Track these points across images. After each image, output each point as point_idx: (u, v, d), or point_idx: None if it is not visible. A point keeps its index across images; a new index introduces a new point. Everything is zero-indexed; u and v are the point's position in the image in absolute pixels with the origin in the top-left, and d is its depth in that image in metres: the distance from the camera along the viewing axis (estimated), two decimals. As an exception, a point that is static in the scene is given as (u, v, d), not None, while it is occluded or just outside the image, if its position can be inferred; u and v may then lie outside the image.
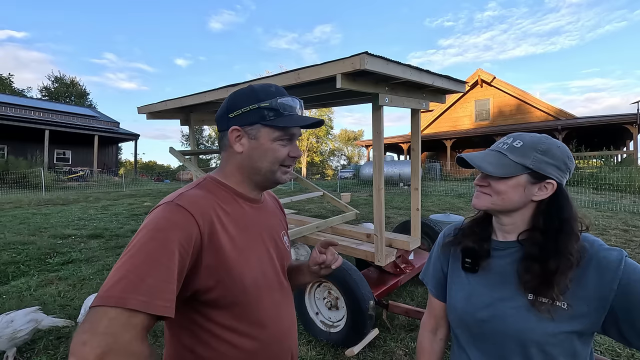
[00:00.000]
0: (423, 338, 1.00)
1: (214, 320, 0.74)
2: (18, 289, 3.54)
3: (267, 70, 38.73)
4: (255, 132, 0.80)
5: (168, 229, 0.66)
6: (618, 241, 5.06)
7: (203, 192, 0.78)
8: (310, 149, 37.87)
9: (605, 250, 0.73)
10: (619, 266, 0.70)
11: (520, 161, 0.76)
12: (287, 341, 0.86)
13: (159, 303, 0.60)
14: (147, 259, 0.62)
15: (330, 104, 4.13)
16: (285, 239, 0.95)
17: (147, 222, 0.68)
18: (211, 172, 0.88)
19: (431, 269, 0.99)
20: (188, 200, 0.72)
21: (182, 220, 0.68)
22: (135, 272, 0.60)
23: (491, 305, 0.79)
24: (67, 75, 37.51)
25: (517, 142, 0.79)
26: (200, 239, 0.69)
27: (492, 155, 0.80)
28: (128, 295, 0.57)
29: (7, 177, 14.16)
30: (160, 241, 0.64)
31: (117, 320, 0.56)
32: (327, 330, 2.47)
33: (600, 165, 12.68)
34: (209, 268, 0.70)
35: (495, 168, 0.77)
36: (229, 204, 0.80)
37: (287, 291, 0.91)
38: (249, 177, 0.84)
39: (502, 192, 0.77)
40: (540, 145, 0.77)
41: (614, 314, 0.69)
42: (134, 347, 0.56)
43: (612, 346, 2.39)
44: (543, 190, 0.77)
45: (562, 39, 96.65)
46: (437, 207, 8.32)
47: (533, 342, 0.73)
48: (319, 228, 3.47)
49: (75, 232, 6.13)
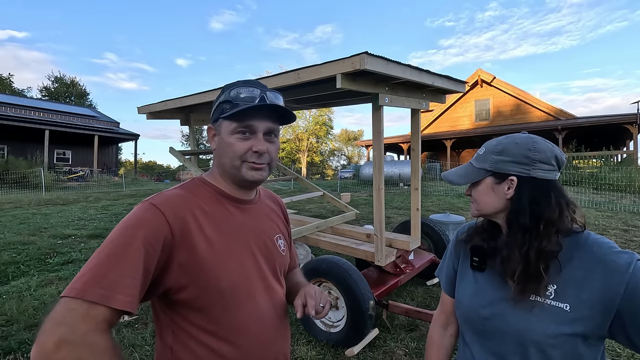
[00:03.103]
0: (433, 332, 1.02)
1: (192, 321, 0.75)
2: (18, 289, 3.54)
3: (267, 70, 38.77)
4: (218, 127, 0.81)
5: (136, 226, 0.67)
6: (618, 241, 5.06)
7: (184, 192, 0.78)
8: (310, 149, 37.86)
9: (615, 253, 0.72)
10: (627, 270, 0.68)
11: (480, 166, 0.83)
12: (272, 349, 0.83)
13: (119, 297, 0.61)
14: (111, 254, 0.64)
15: (330, 104, 4.13)
16: (281, 243, 0.92)
17: (121, 221, 0.70)
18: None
19: (445, 266, 1.01)
20: (162, 200, 0.73)
21: (151, 218, 0.69)
22: (99, 266, 0.62)
23: (493, 304, 0.80)
24: (67, 75, 37.56)
25: (482, 149, 0.86)
26: (171, 237, 0.70)
27: (463, 168, 0.88)
28: (89, 288, 0.60)
29: (7, 177, 14.16)
30: (127, 238, 0.66)
31: (76, 311, 0.58)
32: (327, 330, 2.47)
33: (600, 165, 12.67)
34: (182, 267, 0.71)
35: (459, 178, 0.87)
36: (211, 204, 0.79)
37: (277, 297, 0.86)
38: (226, 175, 0.83)
39: (477, 198, 0.85)
40: (497, 147, 0.82)
41: (621, 319, 0.68)
42: (91, 338, 0.58)
43: (613, 346, 2.39)
44: (510, 187, 0.80)
45: (563, 39, 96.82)
46: (437, 207, 8.32)
47: (532, 342, 0.73)
48: (319, 228, 3.47)
49: (75, 232, 6.13)
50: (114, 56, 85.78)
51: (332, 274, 2.41)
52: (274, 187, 15.59)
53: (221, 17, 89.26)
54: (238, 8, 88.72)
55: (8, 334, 2.62)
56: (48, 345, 0.55)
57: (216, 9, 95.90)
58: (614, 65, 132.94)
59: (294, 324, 2.71)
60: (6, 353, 2.38)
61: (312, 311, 0.81)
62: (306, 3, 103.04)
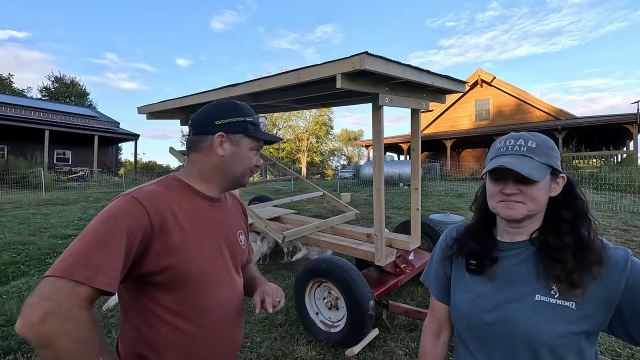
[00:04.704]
0: (426, 342, 0.98)
1: (161, 303, 0.82)
2: (18, 289, 3.54)
3: (267, 71, 38.77)
4: (238, 140, 0.93)
5: (119, 216, 0.74)
6: (618, 241, 5.06)
7: (161, 188, 0.86)
8: (310, 149, 37.85)
9: (612, 249, 0.73)
10: (626, 265, 0.70)
11: (545, 161, 0.76)
12: (228, 332, 0.94)
13: (102, 279, 0.68)
14: (95, 240, 0.70)
15: (330, 104, 4.13)
16: (242, 238, 1.04)
17: (102, 211, 0.76)
18: (176, 172, 0.96)
19: (433, 271, 0.98)
20: (142, 194, 0.80)
21: (133, 210, 0.76)
22: (84, 250, 0.69)
23: (498, 308, 0.78)
24: (67, 76, 37.54)
25: (531, 142, 0.77)
26: (150, 229, 0.77)
27: (524, 159, 0.76)
28: (74, 269, 0.66)
29: (7, 177, 14.14)
30: (110, 226, 0.72)
31: (62, 289, 0.64)
32: (327, 330, 2.47)
33: (600, 165, 12.66)
34: (158, 254, 0.78)
35: (538, 173, 0.74)
36: (187, 200, 0.88)
37: (237, 287, 0.97)
38: (220, 178, 0.94)
39: (537, 197, 0.76)
40: (548, 142, 0.79)
41: (621, 313, 0.69)
42: (75, 313, 0.65)
43: (612, 346, 2.39)
44: (557, 185, 0.78)
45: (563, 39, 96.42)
46: (437, 207, 8.31)
47: (543, 344, 0.72)
48: (319, 228, 3.47)
49: (75, 232, 6.13)
50: (115, 56, 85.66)
51: (332, 274, 2.41)
52: (274, 187, 15.59)
53: (222, 17, 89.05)
54: (239, 8, 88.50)
55: (8, 334, 2.62)
56: (33, 318, 0.61)
57: (217, 9, 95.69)
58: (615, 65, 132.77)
59: (294, 324, 2.71)
60: (6, 353, 2.38)
61: (269, 308, 0.93)
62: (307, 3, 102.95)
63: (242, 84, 2.89)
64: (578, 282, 0.70)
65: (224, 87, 3.08)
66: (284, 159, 35.52)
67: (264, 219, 3.41)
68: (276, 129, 34.43)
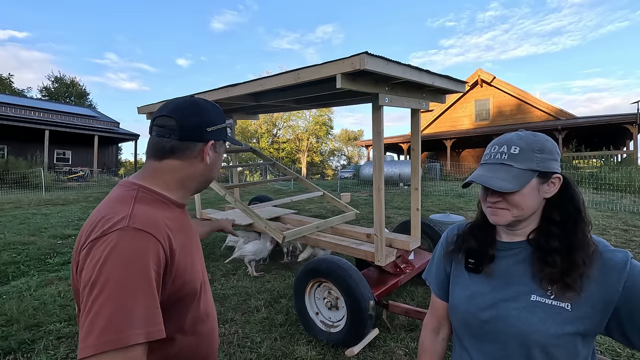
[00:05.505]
0: (425, 338, 1.00)
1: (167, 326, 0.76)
2: (18, 289, 3.54)
3: (267, 70, 38.79)
4: (219, 146, 0.90)
5: (139, 257, 0.66)
6: (618, 241, 5.06)
7: (149, 207, 0.77)
8: (310, 149, 37.86)
9: (611, 251, 0.73)
10: (624, 268, 0.69)
11: (527, 167, 0.75)
12: (216, 336, 0.94)
13: (153, 329, 0.63)
14: (128, 292, 0.62)
15: (330, 104, 4.13)
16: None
17: (109, 254, 0.64)
18: (130, 177, 0.86)
19: (434, 268, 0.99)
20: (144, 222, 0.71)
21: (148, 245, 0.68)
22: (122, 309, 0.60)
23: (494, 306, 0.79)
24: (67, 76, 37.63)
25: (514, 148, 0.77)
26: (165, 257, 0.71)
27: (499, 170, 0.77)
28: (125, 333, 0.59)
29: (7, 177, 14.15)
30: (135, 271, 0.64)
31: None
32: (327, 330, 2.47)
33: (600, 165, 12.68)
34: (172, 280, 0.74)
35: (511, 183, 0.74)
36: (169, 212, 0.81)
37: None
38: (198, 185, 0.90)
39: (520, 204, 0.76)
40: (535, 145, 0.77)
41: (618, 316, 0.69)
42: None
43: (612, 346, 2.39)
44: (551, 186, 0.78)
45: (563, 39, 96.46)
46: (437, 207, 8.32)
47: (536, 343, 0.72)
48: (319, 228, 3.47)
49: (75, 232, 6.13)
50: (115, 56, 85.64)
51: (332, 274, 2.41)
52: (274, 187, 15.59)
53: (222, 17, 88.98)
54: (239, 8, 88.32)
55: (8, 334, 2.62)
56: None
57: (217, 9, 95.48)
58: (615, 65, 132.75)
59: (294, 324, 2.71)
60: (6, 353, 2.38)
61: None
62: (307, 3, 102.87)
63: (242, 84, 2.89)
64: (571, 283, 0.70)
65: (224, 87, 3.08)
66: (284, 159, 35.52)
67: (264, 219, 3.41)
68: (276, 129, 34.44)
